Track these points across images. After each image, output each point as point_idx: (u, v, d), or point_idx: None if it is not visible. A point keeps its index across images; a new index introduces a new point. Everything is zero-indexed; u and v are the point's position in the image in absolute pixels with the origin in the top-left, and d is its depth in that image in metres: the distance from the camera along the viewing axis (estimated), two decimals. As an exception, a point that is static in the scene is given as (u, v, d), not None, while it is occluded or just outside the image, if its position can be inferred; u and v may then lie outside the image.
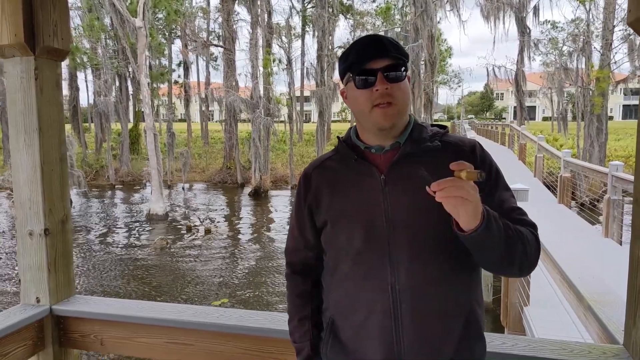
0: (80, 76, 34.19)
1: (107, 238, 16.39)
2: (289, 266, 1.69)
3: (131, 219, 19.66)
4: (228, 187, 28.05)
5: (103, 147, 31.82)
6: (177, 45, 39.40)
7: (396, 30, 30.06)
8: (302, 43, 35.14)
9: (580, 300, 3.33)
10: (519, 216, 1.41)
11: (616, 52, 21.64)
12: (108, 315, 2.16)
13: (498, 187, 1.44)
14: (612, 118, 65.05)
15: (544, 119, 71.06)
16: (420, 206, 1.38)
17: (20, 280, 2.22)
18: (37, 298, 2.19)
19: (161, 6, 25.80)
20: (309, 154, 32.56)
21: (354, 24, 36.73)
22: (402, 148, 1.44)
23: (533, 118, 72.20)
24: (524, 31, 28.36)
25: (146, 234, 16.89)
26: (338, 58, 1.53)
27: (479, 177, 1.16)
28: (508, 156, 22.15)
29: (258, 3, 26.84)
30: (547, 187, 14.48)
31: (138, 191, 27.07)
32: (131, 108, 35.59)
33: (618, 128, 41.26)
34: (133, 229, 17.78)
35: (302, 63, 33.85)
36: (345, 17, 35.80)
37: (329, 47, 30.78)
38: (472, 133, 31.10)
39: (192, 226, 17.85)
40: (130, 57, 21.74)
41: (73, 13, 29.53)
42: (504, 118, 75.48)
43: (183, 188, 27.48)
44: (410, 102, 1.49)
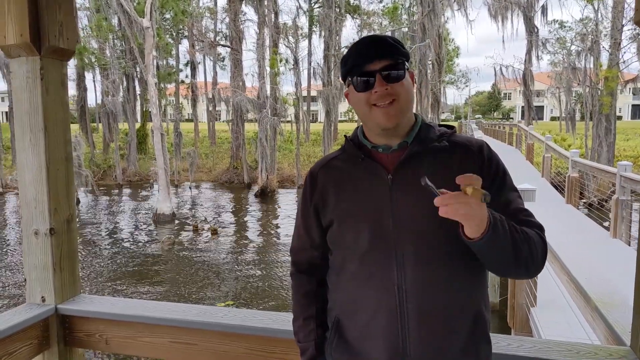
0: (88, 76, 34.38)
1: (114, 237, 16.45)
2: (295, 265, 1.69)
3: (138, 219, 19.73)
4: (235, 187, 28.09)
5: (111, 147, 31.92)
6: (185, 45, 39.59)
7: (403, 30, 30.01)
8: (309, 43, 35.23)
9: (587, 301, 3.31)
10: (526, 217, 1.40)
11: (625, 52, 21.54)
12: (113, 314, 2.17)
13: (505, 188, 1.43)
14: (621, 118, 64.74)
15: (552, 119, 70.77)
16: (427, 206, 1.36)
17: (25, 279, 2.23)
18: (43, 297, 2.20)
19: (168, 6, 25.91)
20: (316, 154, 32.55)
21: (361, 24, 36.70)
22: (410, 148, 1.44)
23: (541, 118, 71.92)
24: (532, 31, 28.23)
25: (153, 234, 16.94)
26: (340, 61, 1.53)
27: (484, 199, 1.15)
28: (516, 156, 22.08)
29: (265, 3, 26.87)
30: (555, 188, 14.43)
31: (145, 191, 27.15)
32: (139, 108, 35.69)
33: (627, 128, 41.09)
34: (140, 229, 17.84)
35: (309, 63, 33.96)
36: (352, 17, 35.85)
37: (336, 47, 30.79)
38: (480, 133, 31.00)
39: (199, 226, 17.89)
40: (138, 57, 21.80)
41: (81, 13, 29.71)
42: (512, 118, 75.23)
43: (190, 188, 27.56)
44: (413, 101, 1.48)
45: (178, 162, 28.39)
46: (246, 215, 20.75)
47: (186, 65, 36.01)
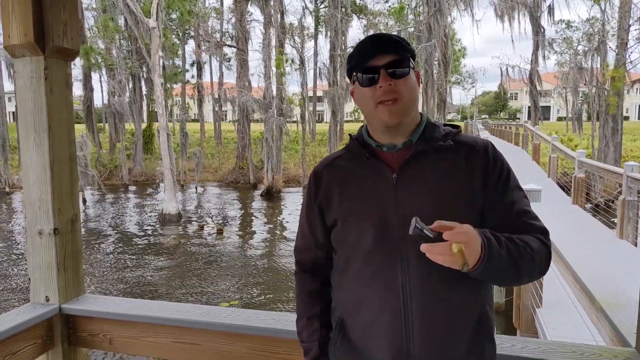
0: (94, 77, 34.58)
1: (120, 237, 16.49)
2: (299, 265, 1.69)
3: (144, 219, 19.77)
4: (240, 187, 28.11)
5: (117, 147, 32.03)
6: (191, 45, 39.79)
7: (409, 30, 29.99)
8: (315, 43, 35.17)
9: (592, 302, 3.30)
10: (529, 220, 1.40)
11: (632, 52, 21.45)
12: (117, 314, 2.17)
13: (509, 189, 1.42)
14: (628, 118, 64.54)
15: (559, 119, 70.53)
16: (432, 206, 1.38)
17: (30, 279, 2.23)
18: (47, 297, 2.20)
19: (174, 7, 25.95)
20: (322, 154, 32.54)
21: (367, 24, 36.71)
22: (415, 147, 1.43)
23: (547, 118, 71.73)
24: (539, 30, 28.16)
25: (158, 233, 16.97)
26: (346, 59, 1.53)
27: (463, 268, 1.16)
28: (522, 156, 22.04)
29: (271, 3, 26.90)
30: (562, 188, 14.39)
31: (151, 191, 27.21)
32: (145, 108, 35.78)
33: (634, 128, 40.91)
34: (146, 228, 17.88)
35: (315, 63, 33.94)
36: (358, 17, 35.82)
37: (342, 47, 30.77)
38: (486, 133, 30.98)
39: (205, 226, 17.91)
40: (146, 57, 21.83)
41: (88, 14, 29.82)
42: (518, 118, 75.05)
43: (196, 188, 27.59)
44: (417, 99, 1.47)
45: (184, 162, 28.46)
46: (252, 215, 20.76)
47: (192, 65, 36.06)
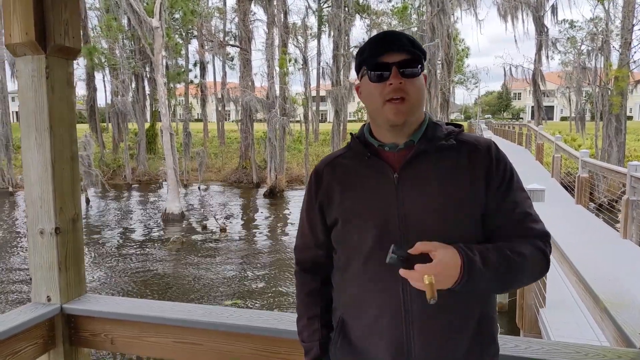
0: (97, 76, 34.48)
1: (123, 237, 16.51)
2: (299, 264, 1.68)
3: (147, 218, 19.79)
4: (244, 187, 28.11)
5: (120, 147, 32.05)
6: (194, 45, 39.70)
7: (413, 29, 29.96)
8: (318, 43, 35.21)
9: (596, 302, 3.28)
10: (530, 224, 1.39)
11: (635, 52, 21.35)
12: (118, 314, 2.17)
13: (512, 190, 1.42)
14: (632, 118, 64.35)
15: (562, 119, 70.37)
16: (434, 207, 1.37)
17: (31, 278, 2.23)
18: (48, 297, 2.19)
19: (178, 6, 25.94)
20: (325, 154, 31.77)
21: (370, 24, 36.62)
22: (417, 146, 1.42)
23: (551, 118, 71.54)
24: (542, 30, 28.11)
25: (162, 233, 16.98)
26: (355, 53, 1.52)
27: (430, 301, 1.19)
28: (525, 156, 22.00)
29: (274, 3, 26.89)
30: (565, 188, 14.36)
31: (154, 190, 27.23)
32: (148, 108, 35.80)
33: (638, 128, 40.78)
34: (149, 228, 17.89)
35: (318, 63, 33.87)
36: (361, 17, 35.73)
37: (345, 47, 30.73)
38: (489, 133, 30.92)
39: (208, 225, 17.92)
40: (151, 56, 21.82)
41: (91, 13, 29.86)
42: (522, 118, 74.92)
43: (199, 187, 27.60)
44: (424, 100, 1.47)
45: (187, 162, 28.44)
46: (255, 214, 20.76)
47: (195, 65, 36.03)
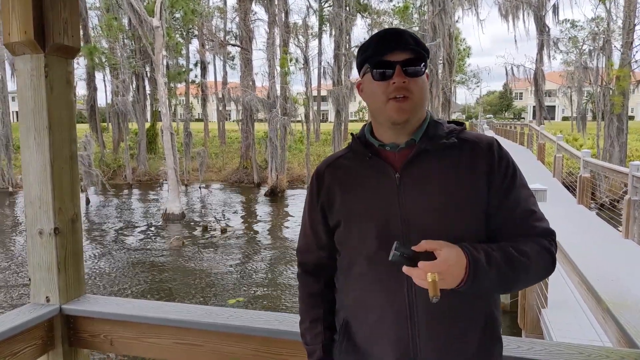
0: (98, 76, 34.48)
1: (124, 237, 16.50)
2: (301, 266, 1.67)
3: (148, 218, 19.79)
4: (244, 187, 28.12)
5: (120, 147, 32.06)
6: (195, 44, 39.72)
7: (414, 29, 29.94)
8: (319, 42, 35.24)
9: (598, 302, 3.26)
10: (534, 222, 1.37)
11: (637, 51, 21.38)
12: (118, 315, 2.15)
13: (515, 187, 1.40)
14: (633, 118, 64.34)
15: (564, 119, 70.35)
16: (436, 206, 1.36)
17: (30, 279, 2.21)
18: (47, 297, 2.18)
19: (178, 6, 25.95)
20: (326, 154, 32.47)
21: (371, 23, 36.62)
22: (418, 145, 1.41)
23: (552, 118, 71.50)
24: (543, 30, 28.09)
25: (162, 233, 16.98)
26: (357, 50, 1.50)
27: (433, 300, 1.16)
28: (527, 156, 21.99)
29: (275, 2, 26.92)
30: (567, 188, 14.34)
31: (155, 190, 27.23)
32: (148, 108, 35.80)
33: (639, 128, 40.75)
34: (149, 228, 17.89)
35: (319, 62, 33.97)
36: (362, 16, 35.73)
37: (346, 46, 30.77)
38: (491, 133, 30.94)
39: (209, 226, 17.91)
40: (151, 55, 21.82)
41: (92, 13, 29.86)
42: (523, 118, 74.91)
43: (200, 187, 27.62)
44: (427, 99, 1.45)
45: (188, 162, 28.46)
46: (256, 214, 20.76)
47: (196, 64, 36.07)
